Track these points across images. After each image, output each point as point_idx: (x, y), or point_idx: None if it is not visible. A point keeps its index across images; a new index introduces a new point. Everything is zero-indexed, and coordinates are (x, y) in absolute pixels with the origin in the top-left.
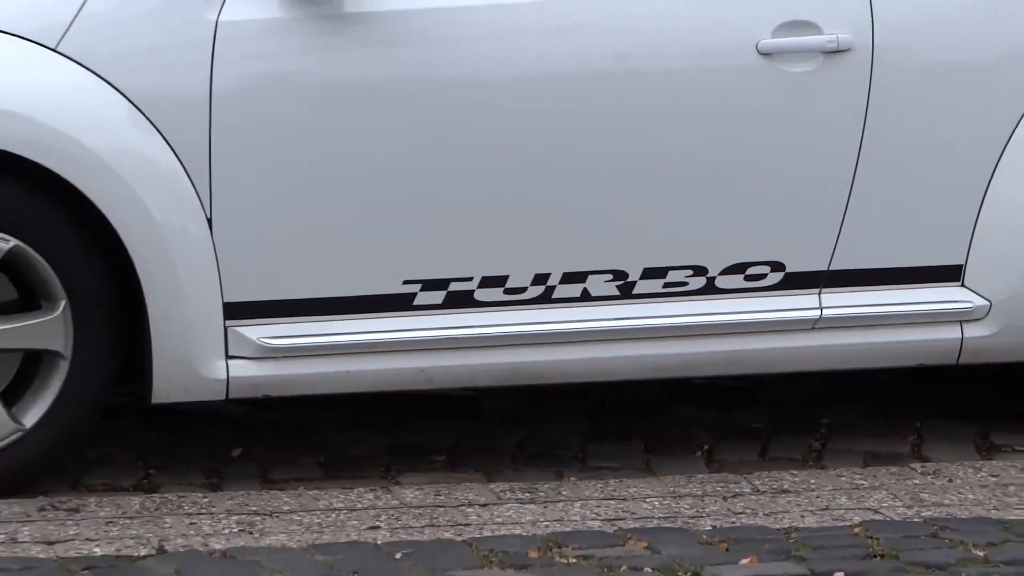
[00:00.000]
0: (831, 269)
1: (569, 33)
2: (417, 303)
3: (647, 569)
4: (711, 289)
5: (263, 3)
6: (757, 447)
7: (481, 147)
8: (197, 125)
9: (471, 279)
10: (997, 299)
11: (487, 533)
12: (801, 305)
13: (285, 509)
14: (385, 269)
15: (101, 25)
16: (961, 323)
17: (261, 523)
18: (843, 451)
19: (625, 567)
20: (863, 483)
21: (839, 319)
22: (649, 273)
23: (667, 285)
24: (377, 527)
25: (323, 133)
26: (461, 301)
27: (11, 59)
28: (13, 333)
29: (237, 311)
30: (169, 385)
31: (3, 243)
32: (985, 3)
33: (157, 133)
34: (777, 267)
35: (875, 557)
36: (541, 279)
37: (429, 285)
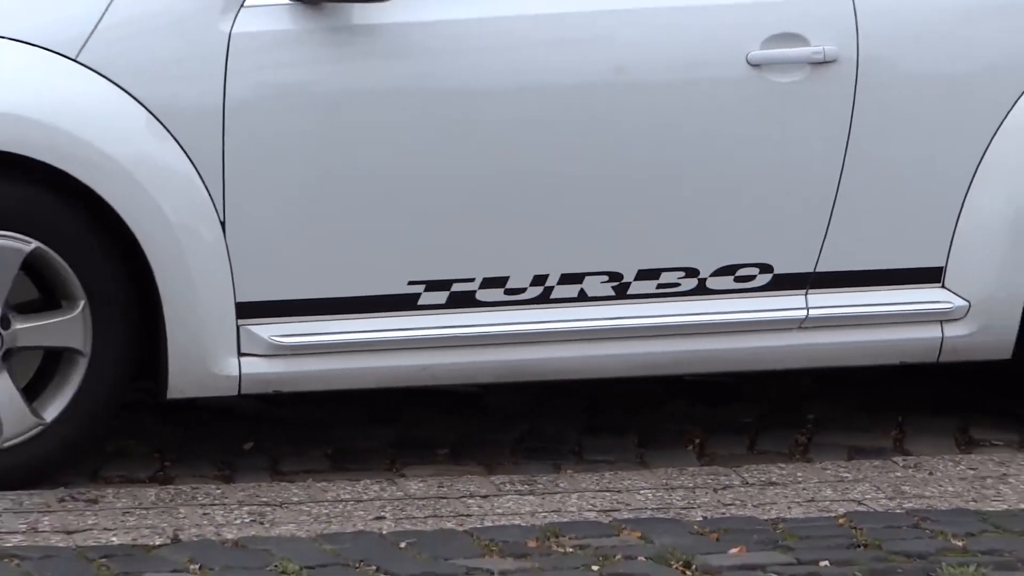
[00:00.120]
0: (817, 271)
1: (568, 46)
2: (421, 303)
3: (640, 558)
4: (702, 290)
5: (275, 16)
6: (746, 441)
7: (483, 155)
8: (211, 133)
9: (473, 280)
10: (976, 300)
11: (488, 523)
12: (788, 305)
13: (294, 500)
14: (390, 270)
15: (119, 37)
16: (942, 323)
17: (271, 513)
18: (828, 445)
19: (620, 556)
20: (847, 476)
21: (825, 319)
22: (643, 275)
23: (660, 286)
24: (383, 517)
25: (332, 141)
26: (463, 301)
27: (35, 69)
28: (35, 331)
29: (249, 311)
30: (184, 381)
31: (25, 245)
32: (966, 18)
33: (173, 141)
34: (765, 269)
35: (859, 547)
36: (540, 280)
37: (433, 286)
